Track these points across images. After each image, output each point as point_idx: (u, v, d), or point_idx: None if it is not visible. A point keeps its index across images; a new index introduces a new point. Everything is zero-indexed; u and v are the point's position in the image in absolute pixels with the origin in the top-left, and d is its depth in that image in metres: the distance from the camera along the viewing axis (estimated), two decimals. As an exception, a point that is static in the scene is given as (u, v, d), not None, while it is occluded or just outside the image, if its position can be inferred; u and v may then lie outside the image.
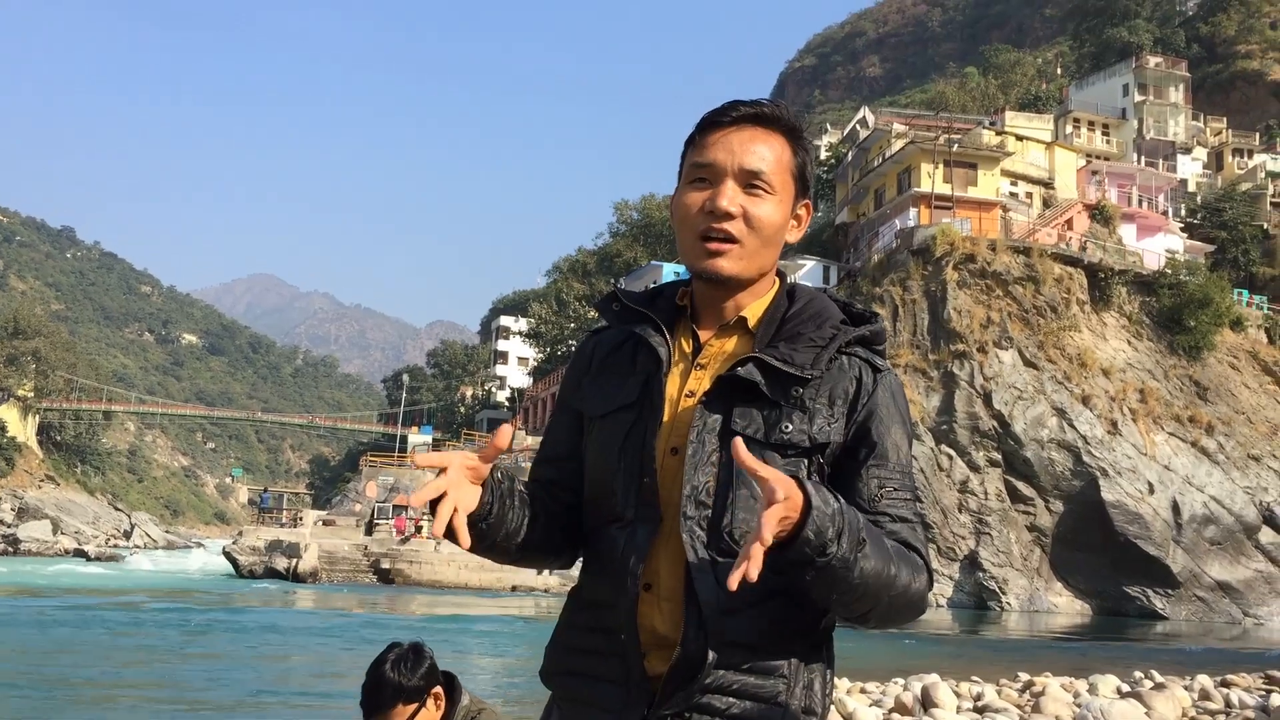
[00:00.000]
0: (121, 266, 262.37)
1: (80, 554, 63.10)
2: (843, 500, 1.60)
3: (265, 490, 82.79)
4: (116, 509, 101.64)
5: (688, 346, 1.84)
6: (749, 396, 1.74)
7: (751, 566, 1.46)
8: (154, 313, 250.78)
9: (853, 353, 1.80)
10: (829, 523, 1.53)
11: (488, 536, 1.76)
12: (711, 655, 1.66)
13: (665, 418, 1.78)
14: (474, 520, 1.70)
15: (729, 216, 1.77)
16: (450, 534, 1.63)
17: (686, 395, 1.79)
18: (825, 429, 1.75)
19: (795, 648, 1.73)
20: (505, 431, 1.70)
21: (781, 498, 1.49)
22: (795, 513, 1.51)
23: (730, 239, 1.77)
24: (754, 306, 1.84)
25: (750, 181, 1.78)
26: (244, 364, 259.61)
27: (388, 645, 3.25)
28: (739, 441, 1.56)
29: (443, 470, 1.64)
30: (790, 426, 1.73)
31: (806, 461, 1.74)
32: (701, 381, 1.79)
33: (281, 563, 41.93)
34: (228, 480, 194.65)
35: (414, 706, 3.14)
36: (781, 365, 1.74)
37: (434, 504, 1.63)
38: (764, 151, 1.79)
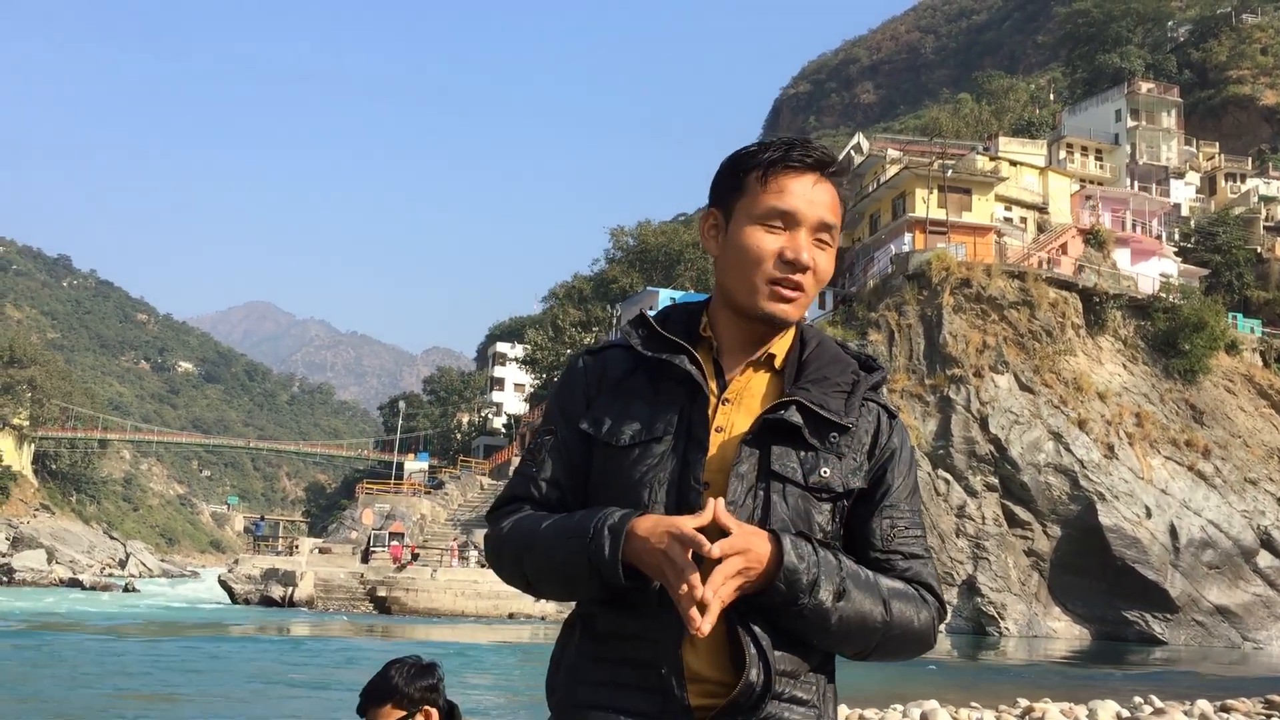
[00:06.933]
0: (117, 294, 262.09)
1: (75, 583, 62.85)
2: (821, 551, 1.68)
3: (260, 518, 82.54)
4: (112, 538, 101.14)
5: (713, 382, 1.85)
6: (788, 438, 1.77)
7: (705, 622, 1.58)
8: (150, 341, 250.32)
9: (871, 398, 1.85)
10: (801, 574, 1.63)
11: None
12: (771, 686, 1.70)
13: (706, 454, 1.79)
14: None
15: (806, 270, 1.81)
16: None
17: (715, 430, 1.80)
18: (855, 475, 1.80)
19: (819, 676, 1.78)
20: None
21: (718, 554, 1.59)
22: (758, 564, 1.62)
23: (800, 289, 1.82)
24: (779, 344, 1.87)
25: (820, 235, 1.83)
26: (240, 392, 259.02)
27: (409, 655, 3.24)
28: (719, 502, 1.65)
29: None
30: (828, 471, 1.77)
31: (831, 506, 1.79)
32: (729, 417, 1.81)
33: (277, 591, 41.77)
34: (223, 508, 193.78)
35: (400, 714, 3.08)
36: (822, 411, 1.78)
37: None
38: (834, 205, 1.84)
